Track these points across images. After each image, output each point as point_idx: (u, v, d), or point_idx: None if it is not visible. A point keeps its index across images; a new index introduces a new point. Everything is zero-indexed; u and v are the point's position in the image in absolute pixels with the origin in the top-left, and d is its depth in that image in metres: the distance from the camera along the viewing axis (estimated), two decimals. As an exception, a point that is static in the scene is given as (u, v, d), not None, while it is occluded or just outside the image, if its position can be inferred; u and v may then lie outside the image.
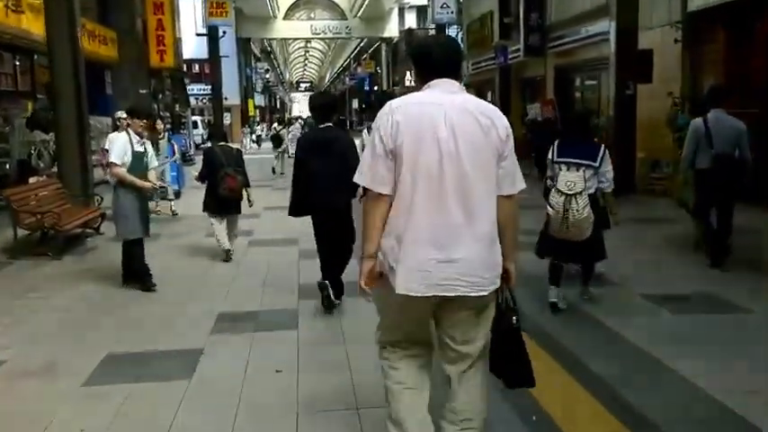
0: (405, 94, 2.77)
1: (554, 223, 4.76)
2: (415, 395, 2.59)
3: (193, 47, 29.40)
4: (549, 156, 4.97)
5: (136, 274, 5.95)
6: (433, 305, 2.46)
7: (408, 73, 33.10)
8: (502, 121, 2.43)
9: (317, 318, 5.08)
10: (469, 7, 24.06)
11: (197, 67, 33.75)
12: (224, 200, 6.82)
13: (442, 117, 2.34)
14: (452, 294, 2.36)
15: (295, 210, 5.20)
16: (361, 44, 48.04)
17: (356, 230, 4.92)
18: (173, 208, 10.43)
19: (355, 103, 57.29)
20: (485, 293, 2.40)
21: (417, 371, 2.61)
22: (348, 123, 52.34)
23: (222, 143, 7.18)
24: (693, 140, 6.21)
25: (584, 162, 4.75)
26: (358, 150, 5.03)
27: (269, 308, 5.33)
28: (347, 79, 58.76)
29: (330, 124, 5.14)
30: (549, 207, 4.76)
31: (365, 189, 2.44)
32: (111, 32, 17.04)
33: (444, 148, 2.32)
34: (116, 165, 5.74)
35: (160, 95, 22.42)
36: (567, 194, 4.63)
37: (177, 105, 25.33)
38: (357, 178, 2.45)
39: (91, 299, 5.72)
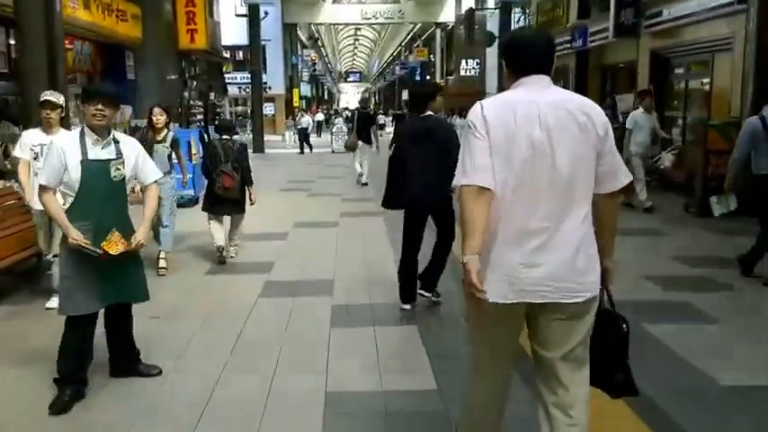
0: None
1: None
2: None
3: (236, 32, 27.45)
4: None
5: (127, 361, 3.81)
6: (523, 314, 2.32)
7: (464, 62, 30.49)
8: (600, 117, 2.26)
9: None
10: (540, -15, 21.26)
11: (240, 54, 31.89)
12: (221, 199, 6.43)
13: (536, 116, 2.20)
14: (541, 301, 2.23)
15: (389, 202, 5.00)
16: (414, 30, 45.49)
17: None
18: (160, 260, 6.21)
19: (405, 94, 54.78)
20: (580, 300, 2.24)
21: (502, 390, 2.46)
22: (395, 116, 49.95)
23: (225, 137, 6.64)
24: (749, 142, 5.66)
25: None
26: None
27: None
28: (397, 68, 56.09)
29: (430, 113, 4.90)
30: None
31: (465, 188, 2.21)
32: (133, 7, 14.96)
33: (539, 148, 2.19)
34: (46, 189, 3.45)
35: (194, 83, 20.37)
36: None
37: (213, 94, 23.26)
38: (458, 181, 2.25)
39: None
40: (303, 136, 23.53)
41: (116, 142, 3.54)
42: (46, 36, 7.13)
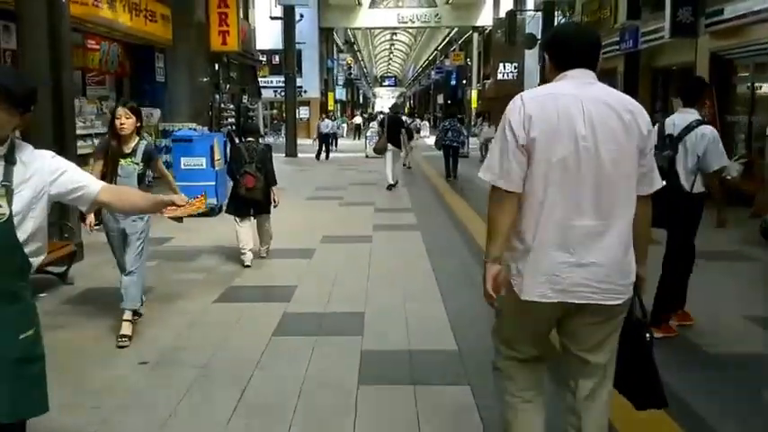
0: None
1: None
2: (532, 411, 2.40)
3: (273, 36, 26.89)
4: None
5: None
6: (560, 313, 2.25)
7: (501, 65, 29.51)
8: (644, 116, 2.22)
9: None
10: (585, -16, 20.17)
11: (276, 58, 31.52)
12: (244, 200, 6.48)
13: (579, 111, 2.12)
14: (583, 302, 2.16)
15: None
16: (451, 34, 44.64)
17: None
18: (123, 324, 4.35)
19: (440, 99, 53.86)
20: (619, 302, 2.19)
21: (534, 383, 2.42)
22: (432, 119, 49.17)
23: (250, 139, 6.74)
24: None
25: None
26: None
27: None
28: (433, 73, 55.26)
29: None
30: None
31: (492, 186, 2.21)
32: (163, 7, 14.40)
33: (582, 144, 2.11)
34: None
35: (227, 86, 19.81)
36: None
37: (246, 97, 22.70)
38: (483, 174, 2.24)
39: None
40: (325, 141, 22.11)
41: (10, 164, 2.08)
42: (49, 30, 6.44)
